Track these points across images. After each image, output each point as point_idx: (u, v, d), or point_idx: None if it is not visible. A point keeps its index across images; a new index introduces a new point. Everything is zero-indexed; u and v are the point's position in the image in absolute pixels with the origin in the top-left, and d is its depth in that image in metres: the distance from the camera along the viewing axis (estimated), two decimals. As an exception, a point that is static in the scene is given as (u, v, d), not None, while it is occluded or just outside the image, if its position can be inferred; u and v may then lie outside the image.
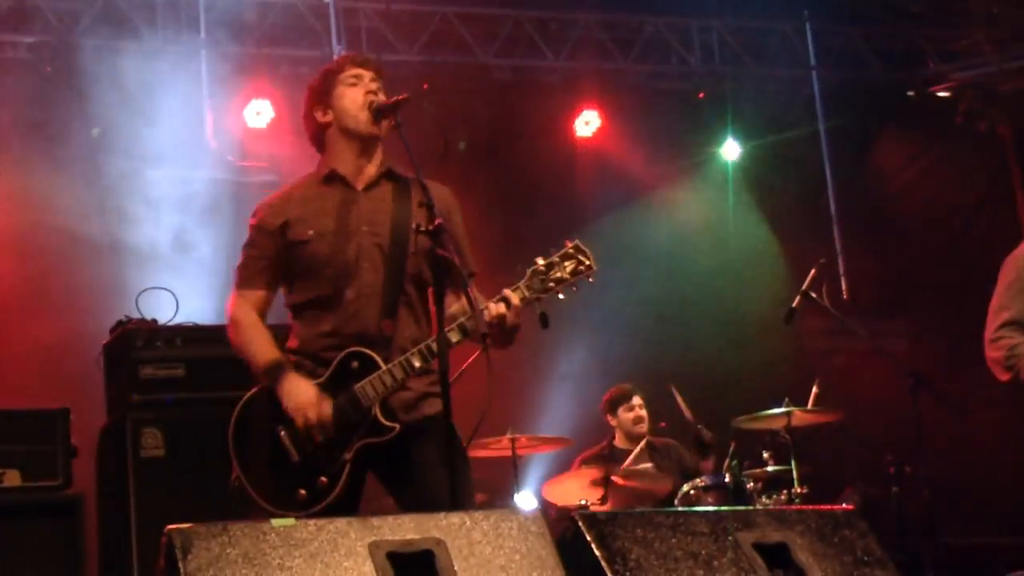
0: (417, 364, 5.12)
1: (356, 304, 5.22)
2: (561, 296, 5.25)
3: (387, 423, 5.12)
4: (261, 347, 5.26)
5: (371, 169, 5.41)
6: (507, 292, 5.12)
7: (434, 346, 5.04)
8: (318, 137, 5.51)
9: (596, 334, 12.11)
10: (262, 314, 5.39)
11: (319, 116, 5.46)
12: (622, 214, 12.68)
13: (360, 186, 5.37)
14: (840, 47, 13.33)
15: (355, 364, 5.15)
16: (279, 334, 5.46)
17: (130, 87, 10.94)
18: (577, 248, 5.26)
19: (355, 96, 5.36)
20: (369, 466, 5.22)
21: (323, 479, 5.06)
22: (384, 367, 5.12)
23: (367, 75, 5.41)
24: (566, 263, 5.23)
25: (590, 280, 5.25)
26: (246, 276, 5.40)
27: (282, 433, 5.10)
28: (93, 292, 10.39)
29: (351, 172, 5.39)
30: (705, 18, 12.91)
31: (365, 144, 5.40)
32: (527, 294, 5.18)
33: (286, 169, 11.46)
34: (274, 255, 5.34)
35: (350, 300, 5.22)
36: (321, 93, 5.46)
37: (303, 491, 5.05)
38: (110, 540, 7.61)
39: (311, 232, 5.27)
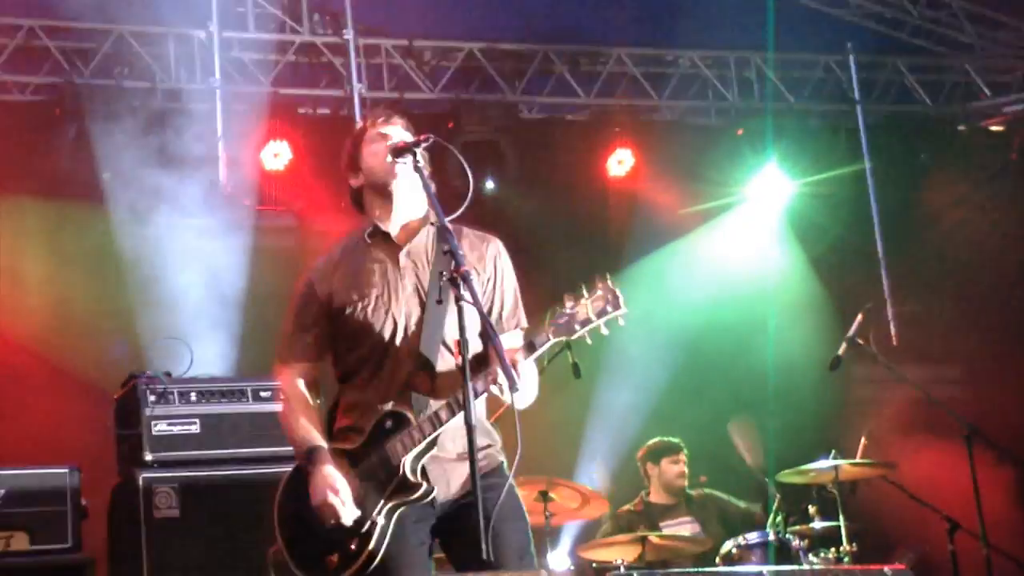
0: (444, 416, 5.12)
1: (404, 367, 5.25)
2: (588, 340, 5.23)
3: (415, 480, 5.12)
4: (302, 432, 5.32)
5: (414, 224, 5.43)
6: (518, 353, 5.12)
7: (461, 398, 5.01)
8: (356, 202, 5.56)
9: (630, 384, 12.09)
10: (311, 384, 5.44)
11: (352, 181, 5.51)
12: (658, 257, 12.67)
13: (403, 242, 5.40)
14: (886, 80, 13.34)
15: (389, 423, 5.18)
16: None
17: (141, 130, 11.01)
18: (606, 287, 5.21)
19: (378, 150, 5.39)
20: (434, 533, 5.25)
21: (353, 543, 5.09)
22: (415, 422, 5.14)
23: (393, 131, 5.44)
24: (594, 303, 5.19)
25: (620, 322, 5.19)
26: (293, 348, 5.44)
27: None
28: (104, 344, 10.42)
29: (393, 228, 5.42)
30: (743, 51, 12.93)
31: (400, 195, 5.40)
32: (552, 338, 5.19)
33: (305, 213, 11.53)
34: (322, 323, 5.39)
35: (398, 363, 5.25)
36: (351, 158, 5.50)
37: (334, 557, 5.10)
38: (122, 606, 7.62)
39: (355, 297, 5.32)
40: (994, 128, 13.42)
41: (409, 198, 5.40)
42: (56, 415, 9.97)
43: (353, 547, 5.09)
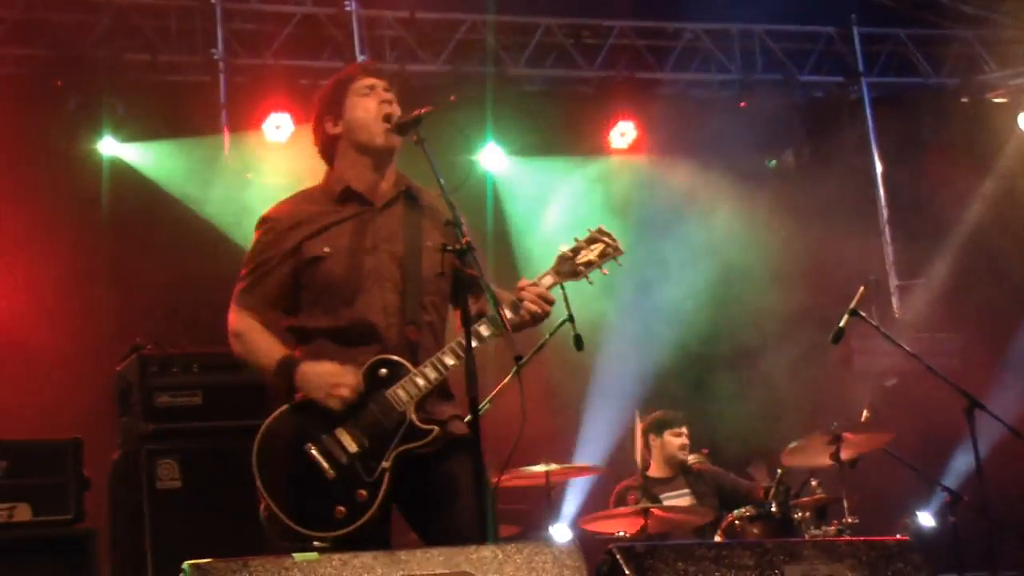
0: (450, 362, 5.12)
1: (377, 323, 5.20)
2: (590, 281, 5.38)
3: (424, 426, 5.10)
4: (269, 348, 5.22)
5: (385, 185, 5.41)
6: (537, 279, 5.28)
7: (464, 343, 5.01)
8: (327, 149, 5.49)
9: (633, 357, 12.09)
10: (267, 328, 5.32)
11: (329, 127, 5.44)
12: (660, 230, 12.66)
13: (378, 203, 5.37)
14: (890, 52, 13.32)
15: (383, 371, 5.12)
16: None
17: (143, 102, 11.01)
18: (601, 231, 5.43)
19: (368, 107, 5.35)
20: (395, 494, 5.15)
21: (362, 492, 5.00)
22: (415, 370, 5.11)
23: (380, 84, 5.39)
24: (593, 246, 5.39)
25: (618, 262, 5.40)
26: (251, 292, 5.32)
27: (312, 451, 5.02)
28: (106, 315, 10.43)
29: (367, 188, 5.38)
30: (746, 24, 12.91)
31: (379, 158, 5.39)
32: (556, 279, 5.33)
33: (308, 185, 11.51)
34: (284, 270, 5.29)
35: (372, 320, 5.19)
36: (332, 103, 5.44)
37: (342, 508, 4.99)
38: (125, 577, 7.64)
39: (327, 249, 5.25)
40: (997, 100, 13.40)
41: (388, 160, 5.41)
42: (58, 386, 9.99)
43: (363, 495, 5.00)
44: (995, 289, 12.62)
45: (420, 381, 5.10)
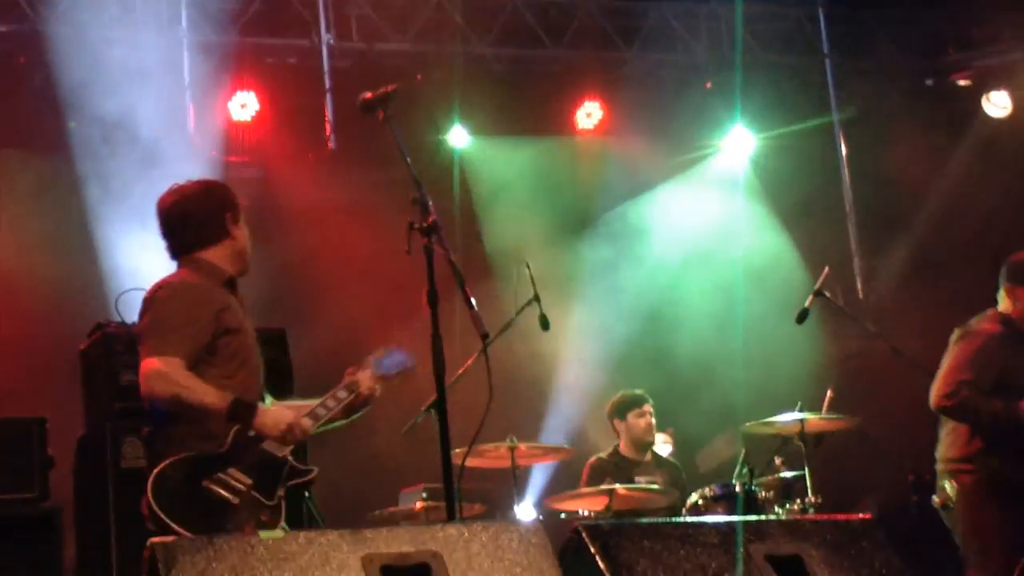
0: (323, 413, 5.55)
1: (256, 392, 5.62)
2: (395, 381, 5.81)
3: (303, 466, 5.47)
4: (211, 390, 5.42)
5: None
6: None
7: (319, 411, 5.54)
8: (210, 233, 5.76)
9: (598, 337, 12.11)
10: None
11: (230, 222, 5.76)
12: (625, 211, 12.69)
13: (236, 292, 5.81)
14: (855, 34, 13.33)
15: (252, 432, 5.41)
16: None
17: (107, 79, 10.93)
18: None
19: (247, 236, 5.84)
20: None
21: (264, 516, 5.26)
22: None
23: None
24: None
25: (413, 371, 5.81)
26: (181, 343, 5.49)
27: (212, 486, 5.24)
28: (70, 294, 10.38)
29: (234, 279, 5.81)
30: (713, 4, 12.91)
31: (242, 272, 5.83)
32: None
33: (272, 164, 11.49)
34: (208, 331, 5.52)
35: (255, 389, 5.61)
36: (235, 208, 5.82)
37: (251, 528, 5.18)
38: (89, 555, 7.60)
39: (236, 325, 5.59)
40: (962, 83, 13.44)
41: None
42: (22, 365, 9.94)
43: (265, 518, 5.25)
44: (960, 270, 12.67)
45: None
